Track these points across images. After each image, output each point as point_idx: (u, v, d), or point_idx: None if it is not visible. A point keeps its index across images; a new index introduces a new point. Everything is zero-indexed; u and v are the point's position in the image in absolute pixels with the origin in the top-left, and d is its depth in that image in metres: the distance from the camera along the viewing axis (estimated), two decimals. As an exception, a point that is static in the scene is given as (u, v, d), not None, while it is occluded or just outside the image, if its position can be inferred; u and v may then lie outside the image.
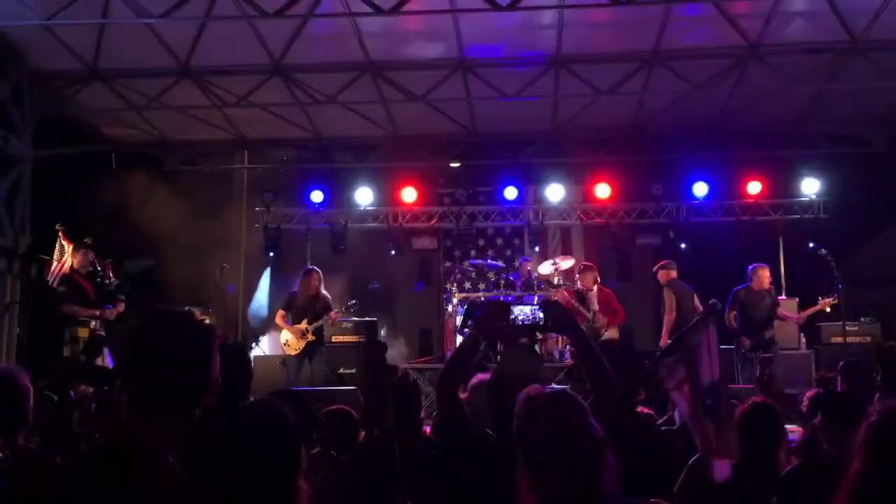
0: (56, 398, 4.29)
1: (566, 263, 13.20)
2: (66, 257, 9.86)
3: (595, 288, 11.25)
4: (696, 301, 10.84)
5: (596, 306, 11.13)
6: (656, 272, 11.38)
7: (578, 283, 11.45)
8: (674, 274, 11.19)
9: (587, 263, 11.79)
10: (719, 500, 3.14)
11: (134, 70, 10.79)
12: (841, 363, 6.47)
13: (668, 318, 10.79)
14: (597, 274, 11.39)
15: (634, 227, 14.68)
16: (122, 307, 9.75)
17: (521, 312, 4.64)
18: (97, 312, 9.55)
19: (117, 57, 10.50)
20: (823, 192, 13.67)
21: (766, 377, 5.47)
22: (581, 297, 11.22)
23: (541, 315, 3.84)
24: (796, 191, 13.89)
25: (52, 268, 10.02)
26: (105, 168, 12.56)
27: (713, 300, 3.37)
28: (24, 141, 10.97)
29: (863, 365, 6.37)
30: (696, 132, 12.89)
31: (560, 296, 11.59)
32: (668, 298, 10.88)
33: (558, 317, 3.53)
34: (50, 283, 9.99)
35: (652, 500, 2.42)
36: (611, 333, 11.09)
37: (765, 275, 10.44)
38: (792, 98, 11.71)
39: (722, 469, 2.96)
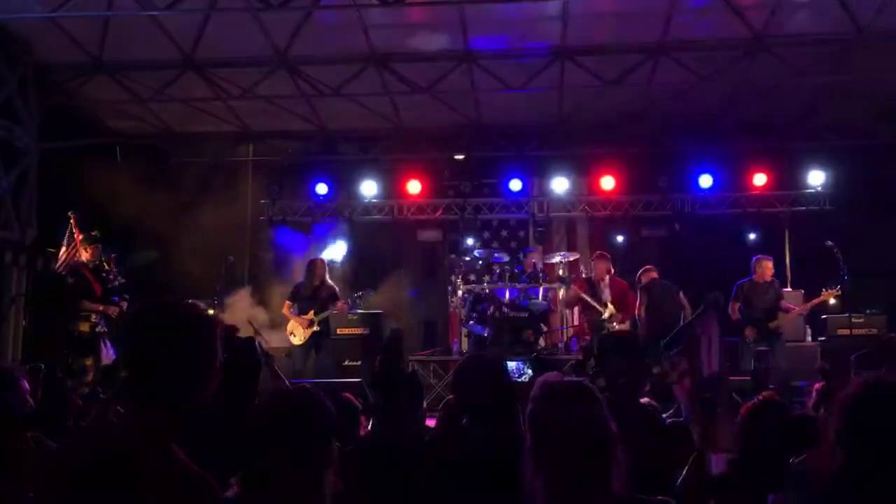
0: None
1: (572, 256, 13.27)
2: (74, 246, 9.92)
3: (607, 278, 11.17)
4: (682, 297, 10.87)
5: (608, 296, 11.07)
6: (639, 279, 11.38)
7: (592, 272, 11.38)
8: (654, 275, 11.23)
9: (602, 252, 11.67)
10: (723, 493, 3.14)
11: (139, 62, 10.80)
12: (854, 355, 6.45)
13: (640, 316, 10.92)
14: (610, 264, 11.30)
15: (640, 219, 14.66)
16: (125, 305, 9.80)
17: (507, 367, 4.64)
18: (101, 307, 9.60)
19: (122, 49, 10.49)
20: (829, 183, 13.64)
21: (763, 370, 5.46)
22: (593, 287, 11.15)
23: (528, 369, 3.87)
24: (802, 182, 13.86)
25: (61, 254, 10.08)
26: (110, 160, 12.57)
27: (713, 293, 3.36)
28: (30, 133, 10.98)
29: (875, 357, 6.34)
30: (702, 124, 12.86)
31: (571, 292, 11.52)
32: (641, 298, 10.98)
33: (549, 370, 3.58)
34: (58, 269, 10.04)
35: (659, 497, 2.42)
36: (623, 327, 10.96)
37: (767, 266, 10.43)
38: (798, 89, 11.65)
39: (718, 463, 2.95)
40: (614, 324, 10.90)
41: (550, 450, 2.22)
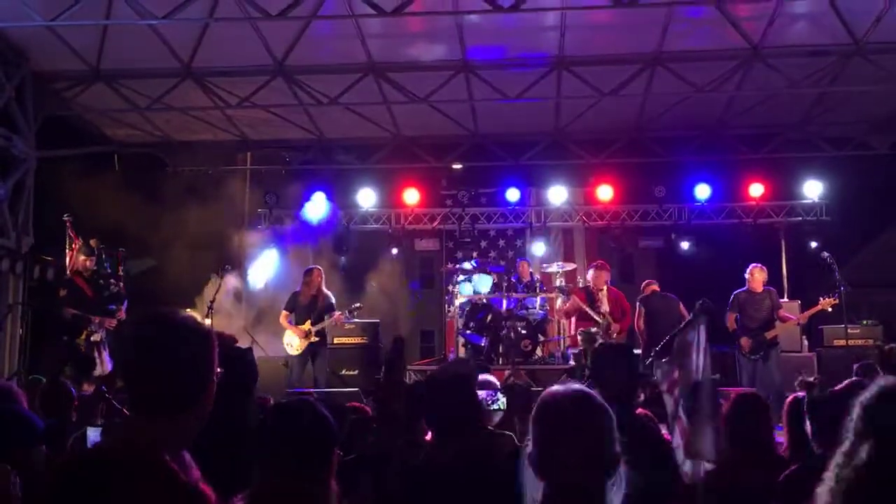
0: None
1: (569, 266, 13.28)
2: (73, 250, 9.94)
3: (605, 288, 11.12)
4: (682, 308, 10.83)
5: (606, 307, 10.95)
6: (643, 291, 11.36)
7: (590, 281, 11.20)
8: (655, 288, 11.22)
9: (601, 262, 11.51)
10: (719, 501, 3.14)
11: (137, 71, 10.81)
12: (856, 365, 6.47)
13: (639, 328, 10.92)
14: (609, 274, 11.20)
15: (637, 230, 14.69)
16: (122, 314, 9.79)
17: (481, 391, 4.59)
18: (97, 320, 9.57)
19: (120, 58, 10.52)
20: (825, 194, 13.68)
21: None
22: (591, 297, 11.01)
23: (499, 397, 3.86)
24: (798, 193, 13.90)
25: (68, 257, 10.09)
26: (108, 169, 12.57)
27: (702, 299, 3.36)
28: (28, 142, 10.99)
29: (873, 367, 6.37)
30: (699, 134, 12.90)
31: (572, 302, 11.33)
32: (639, 311, 10.96)
33: (519, 404, 3.56)
34: (67, 271, 10.04)
35: None
36: (620, 338, 10.76)
37: (758, 275, 10.41)
38: (794, 100, 11.71)
39: (695, 470, 2.94)
40: (613, 334, 10.76)
41: (552, 461, 2.21)
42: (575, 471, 2.15)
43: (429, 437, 4.82)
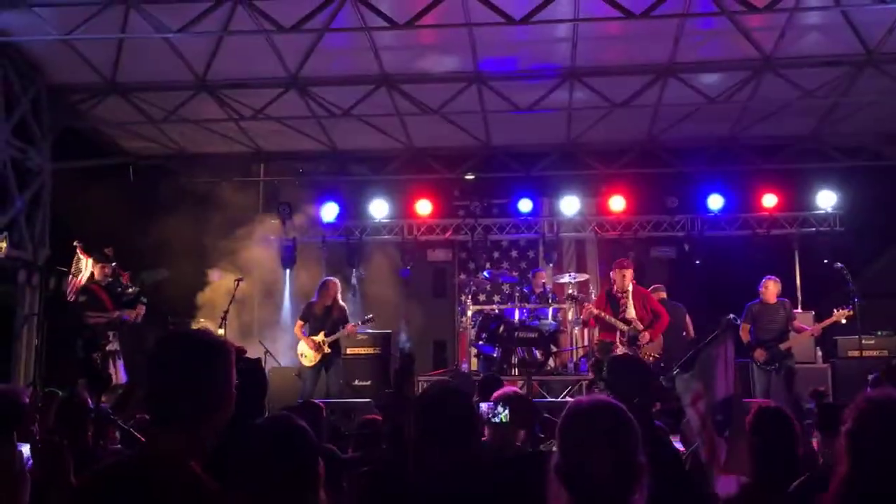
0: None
1: (581, 277, 13.23)
2: (82, 272, 9.98)
3: (631, 288, 10.04)
4: (687, 319, 10.60)
5: (633, 311, 9.93)
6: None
7: (613, 283, 10.18)
8: (662, 295, 11.06)
9: (623, 260, 10.30)
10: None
11: (152, 83, 10.90)
12: (871, 376, 6.44)
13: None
14: (632, 272, 10.14)
15: (649, 240, 14.66)
16: (142, 310, 9.87)
17: (483, 404, 4.57)
18: (115, 314, 9.67)
19: (135, 71, 10.61)
20: (839, 205, 13.62)
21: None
22: (614, 302, 10.00)
23: (500, 409, 3.84)
24: (812, 204, 13.85)
25: (69, 282, 10.13)
26: (123, 180, 12.65)
27: (730, 315, 3.35)
28: (44, 154, 11.09)
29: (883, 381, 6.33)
30: (711, 145, 12.89)
31: (585, 312, 10.60)
32: None
33: (522, 415, 3.54)
34: (67, 297, 10.10)
35: None
36: (652, 348, 9.75)
37: (772, 287, 10.35)
38: (807, 111, 11.68)
39: (727, 485, 2.94)
40: (643, 344, 9.70)
41: (582, 473, 2.20)
42: (605, 484, 2.15)
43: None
